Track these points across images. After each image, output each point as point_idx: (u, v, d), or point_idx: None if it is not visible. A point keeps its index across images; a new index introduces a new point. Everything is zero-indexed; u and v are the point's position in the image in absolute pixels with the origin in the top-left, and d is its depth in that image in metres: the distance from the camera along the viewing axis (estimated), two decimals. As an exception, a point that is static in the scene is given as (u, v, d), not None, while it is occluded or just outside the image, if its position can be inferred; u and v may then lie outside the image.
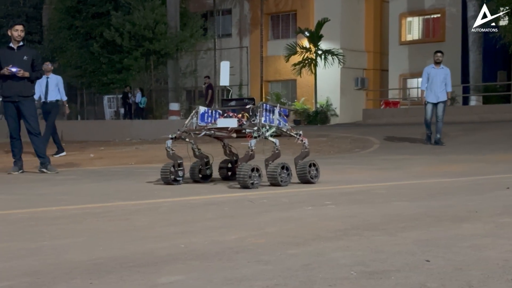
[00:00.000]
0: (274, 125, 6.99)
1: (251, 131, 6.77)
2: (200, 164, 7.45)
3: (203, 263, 3.19)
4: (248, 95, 35.31)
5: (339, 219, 4.55)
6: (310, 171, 7.17)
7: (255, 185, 6.59)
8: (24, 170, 9.21)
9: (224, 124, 6.98)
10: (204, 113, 7.26)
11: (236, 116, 7.01)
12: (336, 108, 32.68)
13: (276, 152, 6.91)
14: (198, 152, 7.42)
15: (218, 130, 7.08)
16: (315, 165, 7.27)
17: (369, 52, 34.93)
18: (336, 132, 20.84)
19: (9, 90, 9.03)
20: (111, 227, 4.41)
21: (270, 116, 7.01)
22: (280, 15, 35.42)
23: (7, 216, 4.99)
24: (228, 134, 7.08)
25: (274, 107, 7.10)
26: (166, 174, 7.09)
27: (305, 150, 7.32)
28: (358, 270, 2.98)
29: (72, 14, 33.02)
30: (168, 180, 7.09)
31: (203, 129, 7.10)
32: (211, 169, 7.55)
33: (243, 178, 6.54)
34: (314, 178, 7.19)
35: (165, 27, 29.53)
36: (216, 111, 7.28)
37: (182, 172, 7.19)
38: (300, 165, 7.20)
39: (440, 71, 14.56)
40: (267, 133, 6.85)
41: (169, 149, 7.10)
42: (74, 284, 2.80)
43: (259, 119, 6.87)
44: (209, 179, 7.55)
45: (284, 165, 6.91)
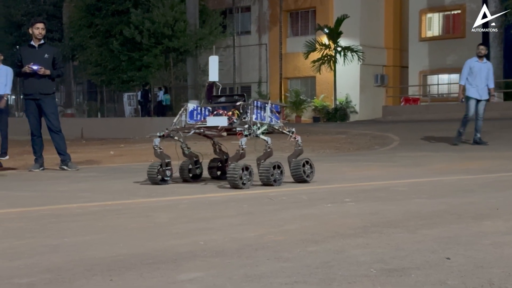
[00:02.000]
0: (265, 122, 6.76)
1: (241, 129, 6.51)
2: (190, 163, 7.22)
3: (222, 260, 3.19)
4: (268, 92, 35.34)
5: (359, 216, 4.53)
6: (305, 170, 6.93)
7: (246, 185, 6.32)
8: (45, 168, 9.27)
9: (213, 122, 6.73)
10: (193, 111, 7.05)
11: (226, 114, 6.76)
12: (355, 105, 32.60)
13: (268, 150, 6.65)
14: (187, 151, 7.20)
15: (208, 129, 6.87)
16: (310, 163, 7.03)
17: (388, 48, 34.79)
18: (356, 129, 20.77)
19: (30, 88, 9.11)
20: (131, 224, 4.43)
21: (261, 113, 6.78)
22: (299, 12, 35.38)
23: (29, 213, 5.03)
24: (218, 133, 6.92)
25: (265, 103, 6.88)
26: (153, 174, 6.82)
27: (298, 148, 7.05)
28: (378, 267, 2.97)
29: (92, 12, 33.18)
30: (155, 180, 6.83)
31: (192, 127, 6.86)
32: (201, 168, 7.34)
33: (233, 178, 6.29)
34: (308, 177, 6.95)
35: (184, 24, 29.60)
36: (206, 108, 7.07)
37: (170, 171, 6.94)
38: (294, 163, 6.94)
39: (484, 65, 13.50)
40: (258, 131, 6.59)
41: (157, 147, 6.86)
42: (94, 281, 2.82)
43: (250, 117, 6.62)
44: (199, 178, 7.31)
45: (277, 164, 6.65)
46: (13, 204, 5.61)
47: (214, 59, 7.19)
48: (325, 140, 16.55)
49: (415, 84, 33.08)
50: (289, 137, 6.99)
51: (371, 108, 32.64)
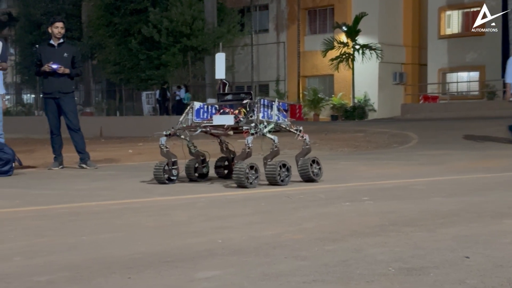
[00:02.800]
0: (272, 120, 6.65)
1: (248, 128, 6.41)
2: (196, 162, 7.11)
3: (240, 258, 3.19)
4: (285, 90, 35.34)
5: (377, 215, 4.52)
6: (313, 169, 6.77)
7: (252, 184, 6.23)
8: (64, 166, 9.32)
9: (220, 121, 6.60)
10: (199, 109, 6.95)
11: (233, 112, 6.64)
12: (374, 103, 32.49)
13: (274, 149, 6.54)
14: (194, 150, 7.09)
15: (214, 128, 6.76)
16: (318, 162, 6.87)
17: (407, 46, 34.63)
18: (374, 127, 20.70)
19: (49, 86, 9.16)
20: (150, 222, 4.45)
21: (268, 111, 6.66)
22: (317, 10, 35.32)
23: (48, 211, 5.06)
24: (225, 132, 6.80)
25: (272, 102, 6.77)
26: (160, 173, 6.73)
27: (306, 147, 6.90)
28: (396, 266, 2.95)
29: (110, 11, 33.32)
30: (161, 180, 6.73)
31: (198, 126, 6.78)
32: (207, 167, 7.23)
33: (239, 177, 6.19)
34: (316, 176, 6.80)
35: (203, 23, 29.65)
36: (212, 107, 6.97)
37: (177, 171, 6.85)
38: (301, 162, 6.78)
39: None
40: (265, 129, 6.48)
41: (163, 146, 6.78)
42: (112, 279, 2.83)
43: (256, 115, 6.50)
44: (205, 177, 7.20)
45: (284, 163, 6.52)
46: (32, 202, 5.65)
47: (221, 56, 7.06)
48: (343, 138, 16.51)
49: (434, 82, 32.91)
50: (296, 136, 6.88)
51: (389, 106, 32.52)
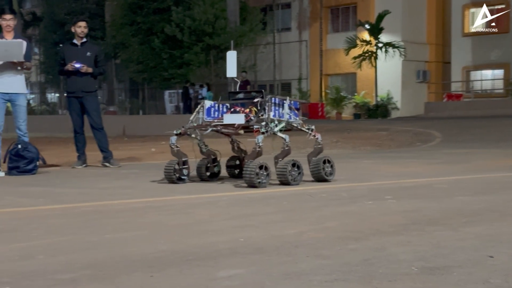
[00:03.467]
0: (283, 119, 6.56)
1: (258, 127, 6.32)
2: (207, 161, 7.05)
3: (262, 257, 3.19)
4: (308, 89, 35.28)
5: (400, 214, 4.50)
6: (325, 168, 6.68)
7: (262, 184, 6.16)
8: (87, 164, 9.38)
9: (230, 120, 6.53)
10: (210, 108, 6.88)
11: (244, 111, 6.56)
12: (397, 101, 32.31)
13: (286, 148, 6.45)
14: (205, 149, 7.03)
15: (225, 127, 6.67)
16: (330, 161, 6.77)
17: (431, 44, 34.40)
18: (397, 125, 20.59)
19: (73, 85, 9.23)
20: (172, 220, 4.46)
21: (279, 110, 6.58)
22: (340, 8, 35.21)
23: (71, 210, 5.10)
24: (235, 131, 6.68)
25: (283, 100, 6.66)
26: (170, 172, 6.69)
27: (318, 146, 6.80)
28: (419, 265, 2.94)
29: (133, 10, 33.47)
30: (172, 179, 6.69)
31: (209, 125, 6.71)
32: (219, 167, 7.17)
33: (249, 177, 6.12)
34: (329, 176, 6.71)
35: (225, 22, 29.68)
36: (224, 105, 6.89)
37: (187, 170, 6.80)
38: (313, 162, 6.70)
39: None
40: (276, 128, 6.41)
41: (173, 145, 6.73)
42: (135, 277, 2.84)
43: (267, 114, 6.42)
44: (217, 177, 7.15)
45: (295, 162, 6.41)
46: (56, 200, 5.70)
47: (232, 54, 6.97)
48: (366, 137, 16.44)
49: (458, 80, 32.66)
50: (308, 135, 6.77)
51: (413, 105, 32.32)
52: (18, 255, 3.32)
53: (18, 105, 8.45)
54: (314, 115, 31.98)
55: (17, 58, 8.23)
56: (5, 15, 8.40)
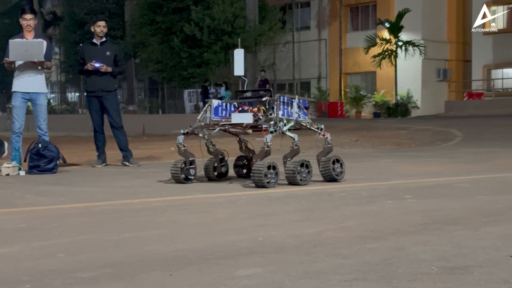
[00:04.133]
0: (292, 118, 6.44)
1: (267, 126, 6.22)
2: (215, 161, 6.99)
3: (281, 256, 3.19)
4: (327, 88, 35.19)
5: (420, 213, 4.47)
6: (335, 168, 6.58)
7: (271, 184, 6.08)
8: (107, 163, 9.42)
9: (238, 119, 6.46)
10: (218, 107, 6.80)
11: (252, 110, 6.47)
12: (417, 100, 32.14)
13: (294, 148, 6.34)
14: (212, 149, 6.96)
15: (232, 126, 6.59)
16: (340, 161, 6.67)
17: (451, 42, 34.17)
18: (417, 124, 20.49)
19: (93, 85, 9.28)
20: (192, 219, 4.47)
21: (288, 109, 6.47)
22: (360, 6, 35.08)
23: (91, 208, 5.13)
24: (243, 130, 6.62)
25: (292, 99, 6.54)
26: (177, 172, 6.65)
27: (327, 146, 6.68)
28: (439, 265, 2.92)
29: (153, 10, 33.58)
30: (179, 179, 6.65)
31: (216, 124, 6.63)
32: (226, 167, 7.11)
33: (258, 177, 6.04)
34: (339, 176, 6.61)
35: (244, 20, 29.69)
36: (231, 104, 6.80)
37: (194, 170, 6.75)
38: (323, 162, 6.60)
39: None
40: (285, 127, 6.29)
41: (180, 145, 6.68)
42: (154, 276, 2.85)
43: (276, 113, 6.32)
44: (224, 177, 7.09)
45: (304, 162, 6.32)
46: (76, 199, 5.73)
47: (239, 52, 6.90)
48: (385, 135, 16.38)
49: (478, 78, 32.42)
50: (317, 134, 6.66)
51: (433, 104, 32.13)
52: (38, 254, 3.34)
53: (38, 104, 8.51)
54: (333, 114, 31.91)
55: (37, 57, 8.29)
56: (25, 14, 8.46)
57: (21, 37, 8.49)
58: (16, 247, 3.54)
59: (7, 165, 8.08)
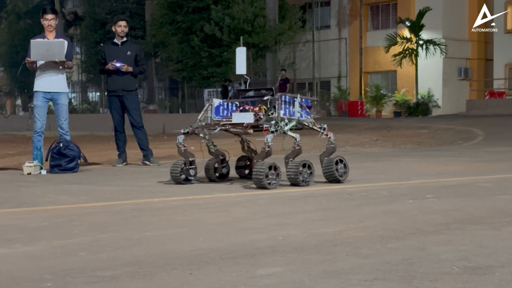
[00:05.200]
0: (294, 118, 6.33)
1: (268, 126, 6.11)
2: (216, 161, 6.87)
3: (301, 255, 3.18)
4: (347, 87, 35.09)
5: (441, 213, 4.44)
6: (338, 168, 6.43)
7: (272, 185, 5.96)
8: (128, 163, 9.46)
9: (239, 119, 6.34)
10: (219, 106, 6.70)
11: (253, 110, 6.35)
12: (438, 99, 31.95)
13: (296, 148, 6.23)
14: (213, 149, 6.85)
15: (233, 126, 6.47)
16: (343, 161, 6.53)
17: (472, 41, 33.91)
18: (438, 123, 20.38)
19: (113, 84, 9.33)
20: (212, 218, 4.48)
21: (290, 108, 6.35)
22: (380, 5, 34.93)
23: (112, 207, 5.15)
24: (244, 130, 6.47)
25: (294, 98, 6.42)
26: (176, 173, 6.55)
27: (331, 146, 6.55)
28: (461, 265, 2.90)
29: (173, 9, 33.67)
30: (178, 180, 6.56)
31: (217, 124, 6.52)
32: (227, 167, 6.98)
33: (258, 178, 5.91)
34: (342, 176, 6.46)
35: (264, 20, 29.68)
36: (233, 103, 6.68)
37: (194, 171, 6.65)
38: (326, 162, 6.45)
39: None
40: (286, 127, 6.17)
41: (181, 145, 6.56)
42: (174, 274, 2.86)
43: (277, 112, 6.21)
44: (226, 178, 6.97)
45: (306, 163, 6.19)
46: (97, 198, 5.76)
47: (241, 50, 6.80)
48: (406, 135, 16.30)
49: (500, 77, 32.15)
50: (320, 134, 6.55)
51: (454, 102, 31.92)
52: (60, 252, 3.36)
53: (59, 104, 8.56)
54: (353, 113, 31.82)
55: (58, 57, 8.34)
56: (47, 14, 8.52)
57: (42, 37, 8.55)
58: (38, 246, 3.57)
59: (29, 164, 8.15)
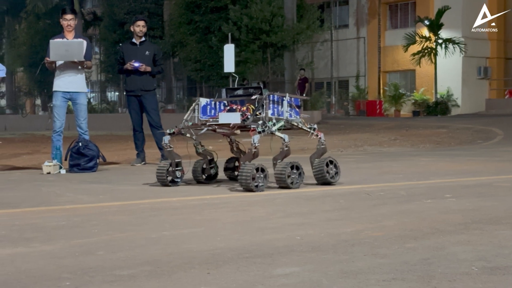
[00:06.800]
0: (282, 118, 6.14)
1: (254, 126, 5.92)
2: (204, 163, 6.72)
3: (318, 255, 3.18)
4: (366, 86, 34.98)
5: (460, 213, 4.42)
6: (328, 170, 6.24)
7: (259, 188, 5.78)
8: (146, 162, 9.49)
9: (226, 119, 6.16)
10: (206, 106, 6.53)
11: (240, 109, 6.19)
12: (457, 98, 31.76)
13: (285, 149, 6.05)
14: (201, 149, 6.69)
15: (220, 127, 6.30)
16: (334, 163, 6.33)
17: (492, 40, 33.67)
18: (457, 123, 20.26)
19: (132, 84, 9.36)
20: (229, 218, 4.48)
21: (278, 108, 6.16)
22: (399, 4, 34.78)
23: (130, 206, 5.17)
24: (231, 131, 6.32)
25: (282, 97, 6.22)
26: (163, 175, 6.39)
27: (321, 147, 6.35)
28: (480, 265, 2.88)
29: (191, 9, 33.74)
30: (164, 182, 6.40)
31: (204, 124, 6.35)
32: (215, 169, 6.83)
33: (245, 180, 5.72)
34: (333, 178, 6.27)
35: (282, 19, 29.65)
36: (221, 103, 6.51)
37: (181, 172, 6.51)
38: (316, 164, 6.26)
39: None
40: (274, 127, 5.96)
41: (167, 146, 6.43)
42: (192, 274, 2.86)
43: (265, 112, 6.02)
44: (213, 179, 6.83)
45: (294, 164, 5.99)
46: (116, 197, 5.79)
47: (230, 48, 6.64)
48: (425, 134, 16.22)
49: (520, 76, 31.94)
50: (310, 134, 6.34)
51: (473, 102, 31.72)
52: (78, 251, 3.38)
53: (78, 103, 8.61)
54: (372, 113, 31.71)
55: (77, 57, 8.39)
56: (66, 15, 8.57)
57: (61, 37, 8.61)
58: (57, 245, 3.59)
59: (48, 163, 8.20)
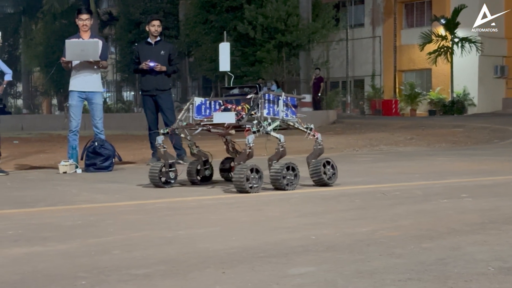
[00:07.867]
0: (278, 117, 6.01)
1: (249, 126, 5.79)
2: (198, 163, 6.61)
3: (334, 255, 3.17)
4: (381, 85, 34.87)
5: (476, 213, 4.39)
6: (325, 171, 6.10)
7: (253, 189, 5.65)
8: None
9: (220, 119, 6.04)
10: (200, 105, 6.42)
11: (236, 109, 6.08)
12: (473, 97, 31.58)
13: (280, 150, 5.91)
14: (195, 150, 6.58)
15: (214, 127, 6.18)
16: (331, 163, 6.18)
17: (509, 38, 33.44)
18: (474, 122, 20.14)
19: (147, 84, 9.39)
20: (244, 217, 4.48)
21: (274, 107, 6.04)
22: (415, 3, 34.64)
23: (145, 206, 5.19)
24: (226, 131, 6.18)
25: (278, 97, 6.10)
26: (155, 176, 6.27)
27: (318, 147, 6.23)
28: (496, 265, 2.86)
29: (207, 9, 33.79)
30: (157, 183, 6.27)
31: (198, 124, 6.23)
32: (210, 170, 6.72)
33: (239, 181, 5.60)
34: (330, 179, 6.14)
35: (297, 18, 29.63)
36: (216, 102, 6.42)
37: (175, 173, 6.40)
38: (313, 164, 6.12)
39: None
40: (269, 127, 5.84)
41: (160, 146, 6.30)
42: (207, 273, 2.87)
43: (260, 111, 5.90)
44: (209, 180, 6.71)
45: (290, 165, 5.85)
46: (131, 196, 5.81)
47: (225, 46, 6.64)
48: (441, 133, 16.15)
49: (537, 75, 31.71)
50: (306, 135, 6.21)
51: (490, 101, 31.52)
52: (94, 250, 3.39)
53: (94, 103, 8.65)
54: (388, 112, 31.59)
55: (93, 57, 8.42)
56: (81, 15, 8.61)
57: (77, 37, 8.65)
58: (73, 244, 3.60)
59: (64, 163, 8.25)
